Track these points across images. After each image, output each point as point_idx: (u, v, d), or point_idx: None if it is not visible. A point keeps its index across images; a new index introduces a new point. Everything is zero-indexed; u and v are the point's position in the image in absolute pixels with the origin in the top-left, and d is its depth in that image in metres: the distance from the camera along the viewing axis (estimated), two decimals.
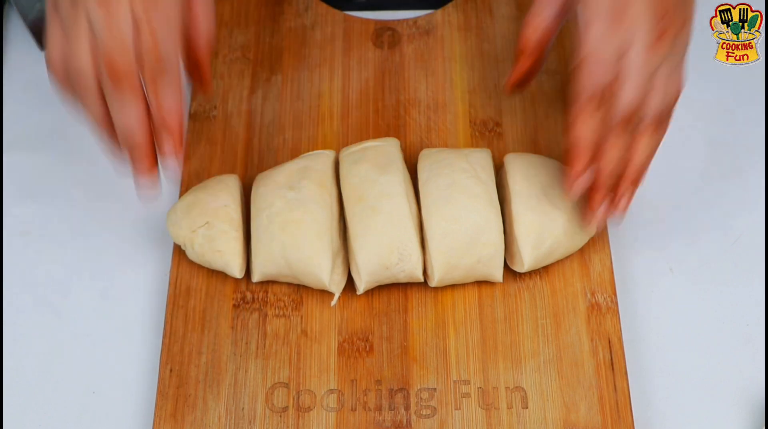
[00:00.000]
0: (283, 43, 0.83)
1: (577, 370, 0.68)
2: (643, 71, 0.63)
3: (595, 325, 0.70)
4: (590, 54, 0.64)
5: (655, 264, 0.75)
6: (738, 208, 0.77)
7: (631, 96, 0.63)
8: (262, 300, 0.71)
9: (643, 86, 0.63)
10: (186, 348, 0.69)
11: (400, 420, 0.67)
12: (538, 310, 0.71)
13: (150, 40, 0.61)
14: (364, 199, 0.70)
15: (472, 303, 0.71)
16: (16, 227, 0.77)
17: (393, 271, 0.69)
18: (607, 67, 0.63)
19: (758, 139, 0.80)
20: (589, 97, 0.64)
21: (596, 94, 0.64)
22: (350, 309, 0.71)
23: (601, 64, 0.63)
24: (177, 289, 0.71)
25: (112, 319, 0.73)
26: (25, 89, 0.84)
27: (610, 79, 0.63)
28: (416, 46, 0.83)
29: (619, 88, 0.63)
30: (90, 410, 0.69)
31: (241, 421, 0.67)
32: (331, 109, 0.80)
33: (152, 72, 0.62)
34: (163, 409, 0.67)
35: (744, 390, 0.70)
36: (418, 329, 0.70)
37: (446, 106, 0.80)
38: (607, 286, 0.71)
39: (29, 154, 0.80)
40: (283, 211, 0.69)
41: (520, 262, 0.70)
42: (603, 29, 0.63)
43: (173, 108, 0.64)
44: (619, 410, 0.67)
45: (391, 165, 0.71)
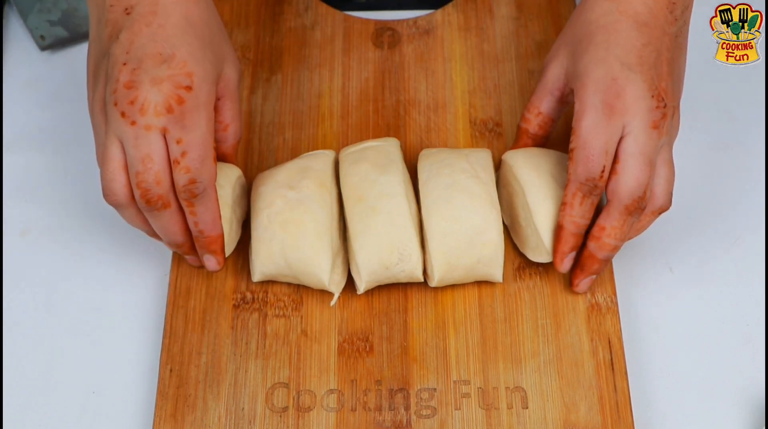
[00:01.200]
0: (283, 43, 0.83)
1: (577, 370, 0.68)
2: (642, 158, 0.64)
3: (595, 325, 0.70)
4: (581, 145, 0.64)
5: (655, 264, 0.75)
6: (738, 208, 0.77)
7: (633, 183, 0.64)
8: (262, 300, 0.71)
9: (643, 172, 0.64)
10: (186, 348, 0.69)
11: (400, 420, 0.67)
12: (538, 310, 0.71)
13: (184, 165, 0.63)
14: (364, 199, 0.70)
15: (472, 303, 0.71)
16: (16, 227, 0.77)
17: (393, 271, 0.69)
18: (597, 157, 0.64)
19: (758, 139, 0.80)
20: (579, 185, 0.65)
21: (586, 182, 0.65)
22: (350, 309, 0.71)
23: (592, 155, 0.64)
24: (177, 290, 0.71)
25: (112, 319, 0.73)
26: (25, 89, 0.84)
27: (600, 168, 0.64)
28: (416, 46, 0.83)
29: (618, 176, 0.64)
30: (90, 410, 0.69)
31: (241, 421, 0.67)
32: (331, 109, 0.80)
33: (188, 194, 0.64)
34: (163, 409, 0.67)
35: (744, 390, 0.70)
36: (418, 329, 0.70)
37: (446, 106, 0.80)
38: (607, 286, 0.71)
39: (29, 154, 0.80)
40: (283, 210, 0.69)
41: (544, 251, 0.70)
42: (594, 120, 0.64)
43: (209, 223, 0.66)
44: (619, 410, 0.67)
45: (391, 165, 0.71)
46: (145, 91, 0.62)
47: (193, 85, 0.62)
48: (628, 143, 0.64)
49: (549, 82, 0.70)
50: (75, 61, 0.85)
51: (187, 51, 0.63)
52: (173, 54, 0.62)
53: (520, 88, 0.80)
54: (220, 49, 0.67)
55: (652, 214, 0.68)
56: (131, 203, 0.65)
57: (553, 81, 0.70)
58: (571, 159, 0.65)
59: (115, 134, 0.63)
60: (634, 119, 0.64)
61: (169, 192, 0.64)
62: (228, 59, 0.68)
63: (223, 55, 0.68)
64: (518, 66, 0.81)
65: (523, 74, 0.81)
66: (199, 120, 0.63)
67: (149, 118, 0.61)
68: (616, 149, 0.64)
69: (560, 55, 0.69)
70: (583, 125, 0.64)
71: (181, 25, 0.64)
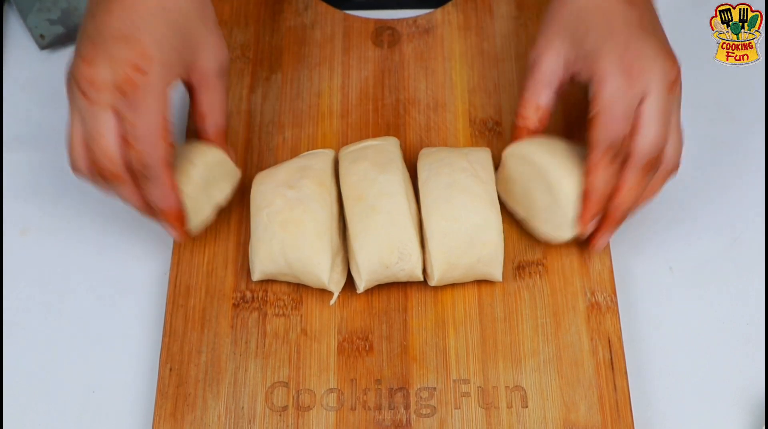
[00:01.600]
0: (283, 42, 0.83)
1: (576, 369, 0.68)
2: (662, 118, 0.65)
3: (594, 324, 0.70)
4: (605, 108, 0.65)
5: (655, 264, 0.75)
6: (738, 208, 0.77)
7: (653, 141, 0.65)
8: (261, 299, 0.71)
9: (662, 132, 0.66)
10: (186, 347, 0.69)
11: (400, 419, 0.67)
12: (538, 309, 0.71)
13: (135, 148, 0.64)
14: (364, 198, 0.69)
15: (472, 302, 0.71)
16: (16, 226, 0.77)
17: (393, 270, 0.69)
18: (622, 121, 0.65)
19: (758, 139, 0.80)
20: (605, 149, 0.66)
21: (612, 146, 0.66)
22: (350, 308, 0.71)
23: (616, 119, 0.65)
24: (177, 288, 0.71)
25: (111, 319, 0.73)
26: (25, 89, 0.84)
27: (625, 132, 0.65)
28: (416, 45, 0.83)
29: (639, 135, 0.65)
30: (90, 409, 0.69)
31: (241, 420, 0.66)
32: (331, 108, 0.80)
33: (138, 175, 0.65)
34: (163, 408, 0.67)
35: (744, 390, 0.70)
36: (418, 328, 0.70)
37: (446, 106, 0.80)
38: (607, 286, 0.71)
39: (29, 154, 0.80)
40: (282, 209, 0.69)
41: (567, 225, 0.70)
42: (617, 85, 0.65)
43: (161, 199, 0.67)
44: (618, 410, 0.67)
45: (391, 164, 0.71)
46: (101, 69, 0.63)
47: (148, 69, 0.63)
48: (648, 104, 0.65)
49: (545, 74, 0.70)
50: None
51: (151, 35, 0.64)
52: (136, 37, 0.64)
53: (520, 88, 0.80)
54: (193, 38, 0.67)
55: (663, 176, 0.69)
56: (94, 175, 0.66)
57: (549, 73, 0.70)
58: (594, 126, 0.66)
59: (76, 108, 0.65)
60: (653, 81, 0.65)
61: (121, 166, 0.65)
62: (204, 48, 0.68)
63: (197, 44, 0.68)
64: (518, 65, 0.81)
65: (522, 73, 0.81)
66: (150, 104, 0.63)
67: (102, 95, 0.63)
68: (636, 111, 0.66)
69: (554, 46, 0.70)
70: (605, 92, 0.65)
71: (153, 11, 0.65)
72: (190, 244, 0.73)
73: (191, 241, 0.73)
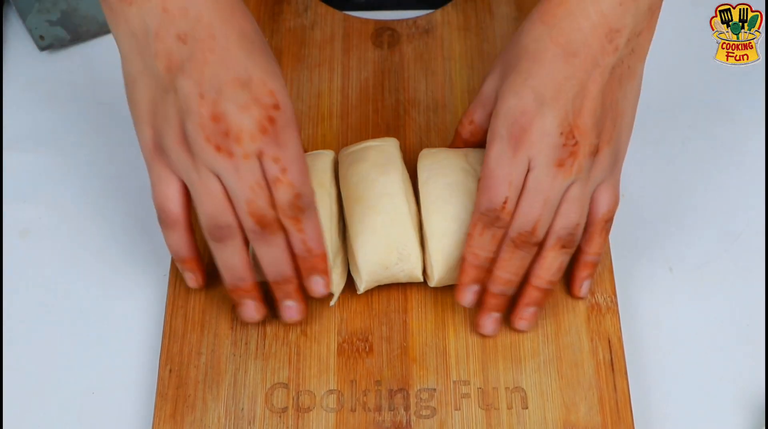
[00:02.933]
0: (283, 43, 0.83)
1: (576, 370, 0.68)
2: (540, 194, 0.63)
3: (594, 325, 0.70)
4: (486, 174, 0.64)
5: (655, 264, 0.75)
6: (738, 208, 0.77)
7: (524, 217, 0.64)
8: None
9: (533, 209, 0.63)
10: (185, 348, 0.69)
11: (400, 420, 0.67)
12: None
13: (286, 182, 0.61)
14: (364, 199, 0.69)
15: None
16: (16, 227, 0.77)
17: (393, 271, 0.69)
18: (501, 187, 0.63)
19: (758, 139, 0.80)
20: (481, 214, 0.65)
21: (488, 212, 0.64)
22: (350, 309, 0.71)
23: (495, 185, 0.63)
24: (176, 290, 0.71)
25: (111, 320, 0.73)
26: (25, 89, 0.84)
27: (503, 199, 0.63)
28: (416, 46, 0.83)
29: (517, 209, 0.64)
30: (89, 411, 0.69)
31: (241, 422, 0.66)
32: (331, 109, 0.80)
33: (294, 211, 0.62)
34: (163, 410, 0.67)
35: (744, 390, 0.70)
36: (418, 329, 0.70)
37: (446, 106, 0.80)
38: (607, 286, 0.71)
39: (29, 154, 0.80)
40: None
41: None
42: (500, 151, 0.63)
43: (315, 240, 0.64)
44: (619, 410, 0.67)
45: (391, 165, 0.71)
46: (235, 120, 0.59)
47: (279, 102, 0.61)
48: (529, 178, 0.63)
49: (483, 95, 0.69)
50: (74, 61, 0.85)
51: (261, 69, 0.61)
52: (249, 76, 0.60)
53: None
54: (274, 59, 0.65)
55: (553, 250, 0.66)
56: (239, 233, 0.63)
57: (486, 95, 0.69)
58: (477, 189, 0.65)
59: (210, 168, 0.61)
60: (539, 155, 0.62)
61: (277, 215, 0.62)
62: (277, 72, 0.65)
63: (276, 63, 0.65)
64: None
65: None
66: (291, 134, 0.61)
67: (246, 146, 0.59)
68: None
69: (495, 74, 0.68)
70: (490, 155, 0.64)
71: (243, 45, 0.61)
72: None
73: None
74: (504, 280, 0.66)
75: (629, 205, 0.77)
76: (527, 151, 0.62)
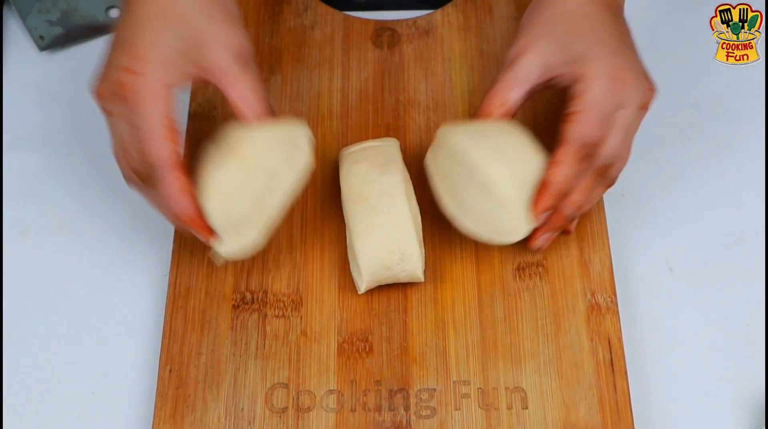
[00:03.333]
0: (283, 43, 0.83)
1: (576, 370, 0.68)
2: (628, 131, 0.67)
3: (594, 325, 0.70)
4: (589, 108, 0.65)
5: (655, 264, 0.75)
6: (738, 208, 0.77)
7: (614, 149, 0.66)
8: (261, 300, 0.71)
9: (623, 144, 0.67)
10: (185, 348, 0.69)
11: (400, 420, 0.67)
12: (538, 310, 0.70)
13: (136, 149, 0.64)
14: (365, 199, 0.69)
15: (472, 303, 0.71)
16: (16, 227, 0.77)
17: (394, 271, 0.69)
18: (603, 123, 0.65)
19: (758, 139, 0.80)
20: (578, 147, 0.66)
21: (585, 146, 0.66)
22: (350, 309, 0.71)
23: (597, 120, 0.65)
24: (176, 290, 0.71)
25: (111, 320, 0.73)
26: (25, 89, 0.84)
27: (602, 134, 0.66)
28: (416, 46, 0.83)
29: (605, 141, 0.66)
30: (90, 411, 0.69)
31: (241, 422, 0.66)
32: (331, 109, 0.80)
33: (144, 177, 0.65)
34: (163, 410, 0.67)
35: (744, 390, 0.70)
36: (418, 329, 0.70)
37: (446, 106, 0.80)
38: (607, 286, 0.71)
39: (29, 154, 0.80)
40: None
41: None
42: (605, 88, 0.65)
43: (176, 208, 0.65)
44: (619, 410, 0.67)
45: (391, 165, 0.71)
46: (108, 79, 0.64)
47: (141, 70, 0.63)
48: (620, 116, 0.66)
49: (522, 72, 0.68)
50: (74, 61, 0.85)
51: (145, 38, 0.64)
52: (130, 41, 0.64)
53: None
54: (197, 35, 0.65)
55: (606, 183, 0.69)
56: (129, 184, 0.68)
57: (526, 72, 0.68)
58: (572, 122, 0.66)
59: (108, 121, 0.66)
60: (632, 96, 0.66)
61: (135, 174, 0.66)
62: (212, 42, 0.66)
63: (201, 40, 0.65)
64: None
65: None
66: (149, 104, 0.63)
67: (108, 105, 0.64)
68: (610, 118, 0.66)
69: (536, 48, 0.68)
70: (591, 93, 0.65)
71: (152, 14, 0.65)
72: (189, 245, 0.73)
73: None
74: (578, 204, 0.68)
75: (629, 205, 0.77)
76: (625, 90, 0.66)
